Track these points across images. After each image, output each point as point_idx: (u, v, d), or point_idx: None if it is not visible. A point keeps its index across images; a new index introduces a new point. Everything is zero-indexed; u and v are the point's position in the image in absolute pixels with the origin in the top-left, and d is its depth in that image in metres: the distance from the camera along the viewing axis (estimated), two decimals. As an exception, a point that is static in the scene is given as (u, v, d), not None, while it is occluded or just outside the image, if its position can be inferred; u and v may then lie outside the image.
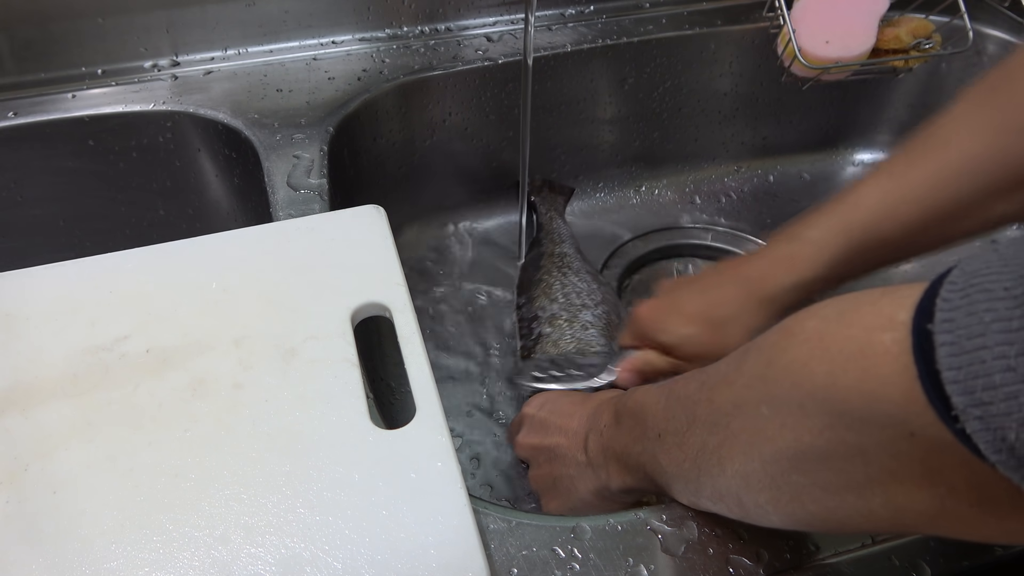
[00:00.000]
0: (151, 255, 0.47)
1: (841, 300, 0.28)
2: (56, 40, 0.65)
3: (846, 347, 0.26)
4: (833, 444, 0.27)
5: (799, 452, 0.28)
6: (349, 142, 0.67)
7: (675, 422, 0.36)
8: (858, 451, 0.26)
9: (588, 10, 0.77)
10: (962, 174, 0.41)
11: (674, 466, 0.36)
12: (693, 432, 0.34)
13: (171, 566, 0.33)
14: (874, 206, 0.44)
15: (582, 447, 0.45)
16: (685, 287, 0.52)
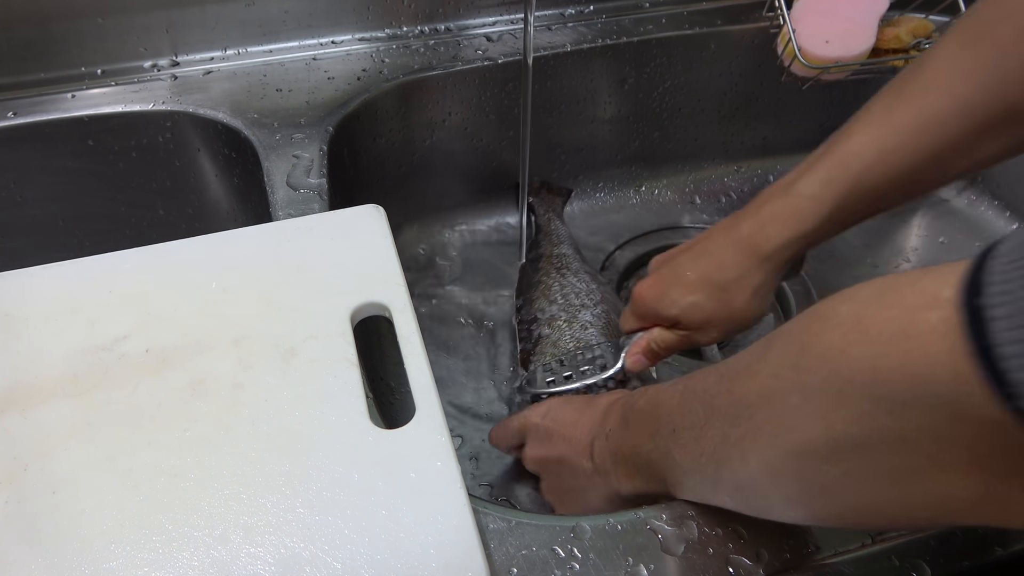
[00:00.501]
0: (151, 255, 0.47)
1: (877, 283, 0.27)
2: (56, 40, 0.65)
3: (887, 329, 0.25)
4: (870, 431, 0.26)
5: (832, 441, 0.27)
6: (349, 142, 0.67)
7: (692, 416, 0.35)
8: (898, 438, 0.25)
9: (588, 10, 0.77)
10: (948, 116, 0.41)
11: (690, 461, 0.36)
12: (712, 425, 0.33)
13: (170, 566, 0.33)
14: (865, 155, 0.43)
15: (588, 454, 0.45)
16: (680, 256, 0.51)
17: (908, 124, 0.42)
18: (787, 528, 0.38)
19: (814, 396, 0.28)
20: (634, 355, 0.53)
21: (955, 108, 0.41)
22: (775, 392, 0.30)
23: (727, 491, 0.35)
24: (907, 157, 0.42)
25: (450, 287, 0.75)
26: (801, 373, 0.28)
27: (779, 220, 0.46)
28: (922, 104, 0.42)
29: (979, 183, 0.82)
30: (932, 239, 0.80)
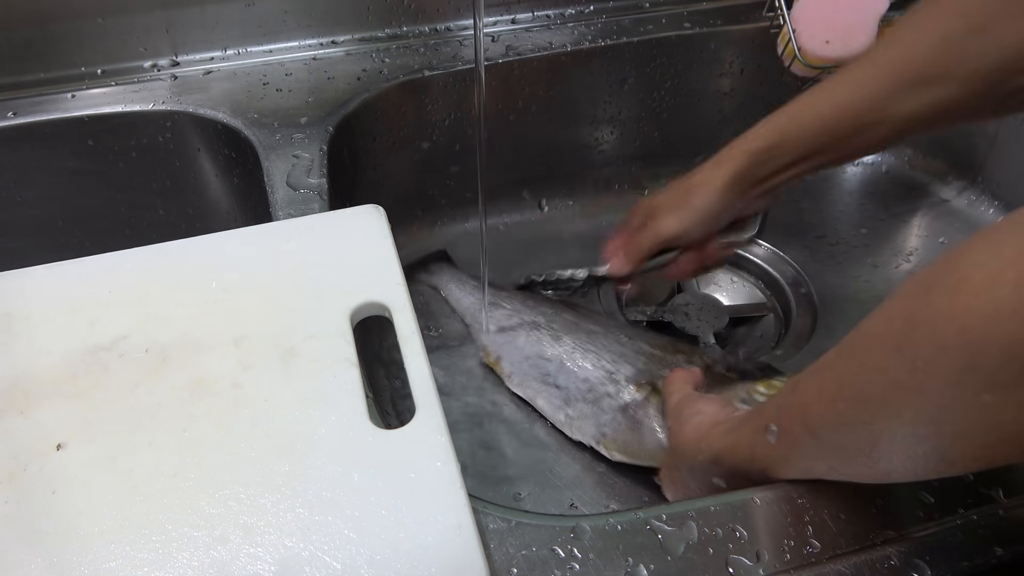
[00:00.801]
0: (150, 255, 0.47)
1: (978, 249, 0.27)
2: (56, 40, 0.65)
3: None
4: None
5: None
6: (349, 142, 0.67)
7: (851, 448, 0.35)
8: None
9: (588, 10, 0.77)
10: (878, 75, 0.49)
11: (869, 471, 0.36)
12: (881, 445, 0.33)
13: (170, 566, 0.33)
14: (815, 98, 0.52)
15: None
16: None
17: (849, 78, 0.50)
18: (787, 528, 0.38)
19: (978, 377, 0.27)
20: (615, 257, 0.61)
21: (886, 67, 0.48)
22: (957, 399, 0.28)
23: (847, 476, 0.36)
24: (840, 106, 0.50)
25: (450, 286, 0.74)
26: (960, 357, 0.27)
27: (747, 138, 0.55)
28: (862, 66, 0.50)
29: (979, 183, 0.82)
30: (932, 239, 0.80)
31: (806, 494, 0.39)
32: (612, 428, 0.58)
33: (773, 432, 0.38)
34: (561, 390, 0.62)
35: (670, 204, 0.58)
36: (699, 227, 0.58)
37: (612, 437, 0.58)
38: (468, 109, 0.73)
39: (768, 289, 0.76)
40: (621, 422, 0.58)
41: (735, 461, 0.42)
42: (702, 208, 0.56)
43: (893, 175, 0.87)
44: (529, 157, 0.79)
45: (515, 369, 0.64)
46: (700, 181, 0.57)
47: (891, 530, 0.38)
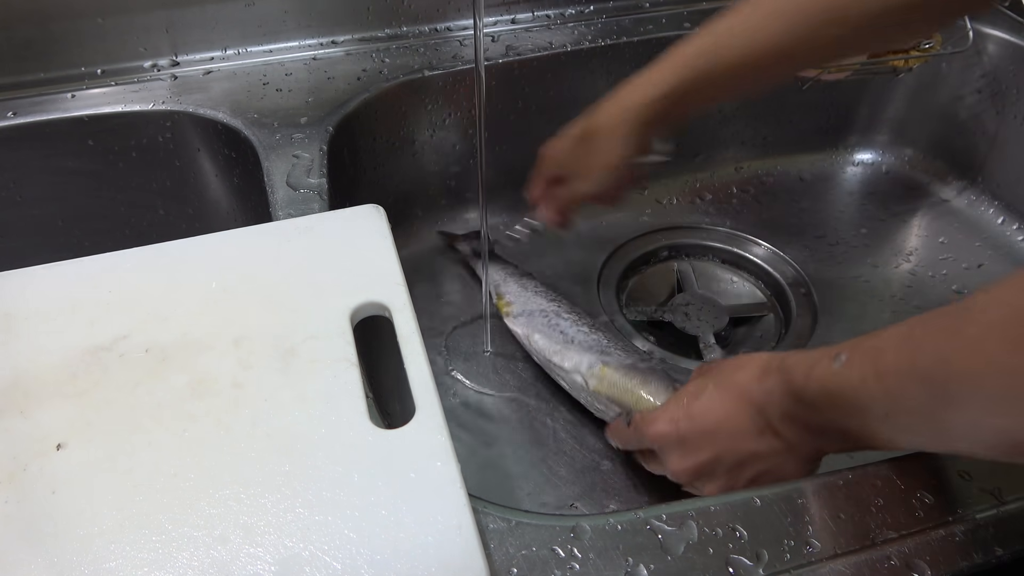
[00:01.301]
0: (150, 254, 0.47)
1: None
2: (56, 40, 0.65)
3: None
4: None
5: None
6: (349, 142, 0.67)
7: (911, 402, 0.35)
8: None
9: (588, 10, 0.77)
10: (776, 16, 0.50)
11: (923, 438, 0.36)
12: (950, 413, 0.33)
13: (170, 566, 0.33)
14: (712, 40, 0.53)
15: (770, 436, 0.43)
16: (577, 120, 0.60)
17: (745, 20, 0.52)
18: (787, 528, 0.38)
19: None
20: (542, 211, 0.64)
21: (781, 9, 0.50)
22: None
23: (968, 453, 0.36)
24: (739, 49, 0.52)
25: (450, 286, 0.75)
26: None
27: (639, 85, 0.55)
28: (757, 5, 0.52)
29: (979, 183, 0.82)
30: (932, 239, 0.80)
31: (806, 494, 0.39)
32: (614, 361, 0.58)
33: (841, 359, 0.38)
34: (562, 334, 0.63)
35: (579, 166, 0.60)
36: (613, 180, 0.59)
37: (615, 366, 0.58)
38: (468, 109, 0.73)
39: (768, 289, 0.76)
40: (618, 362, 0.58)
41: (794, 374, 0.41)
42: (611, 166, 0.58)
43: (893, 175, 0.87)
44: (529, 157, 0.78)
45: (521, 309, 0.66)
46: (606, 137, 0.57)
47: (891, 530, 0.38)
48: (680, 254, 0.79)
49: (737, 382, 0.45)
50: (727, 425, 0.45)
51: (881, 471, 0.40)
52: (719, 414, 0.45)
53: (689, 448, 0.46)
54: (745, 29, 0.52)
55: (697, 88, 0.54)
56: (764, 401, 0.43)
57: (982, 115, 0.79)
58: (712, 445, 0.45)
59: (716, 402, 0.46)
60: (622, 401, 0.57)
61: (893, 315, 0.73)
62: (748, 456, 0.44)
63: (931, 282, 0.75)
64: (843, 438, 0.40)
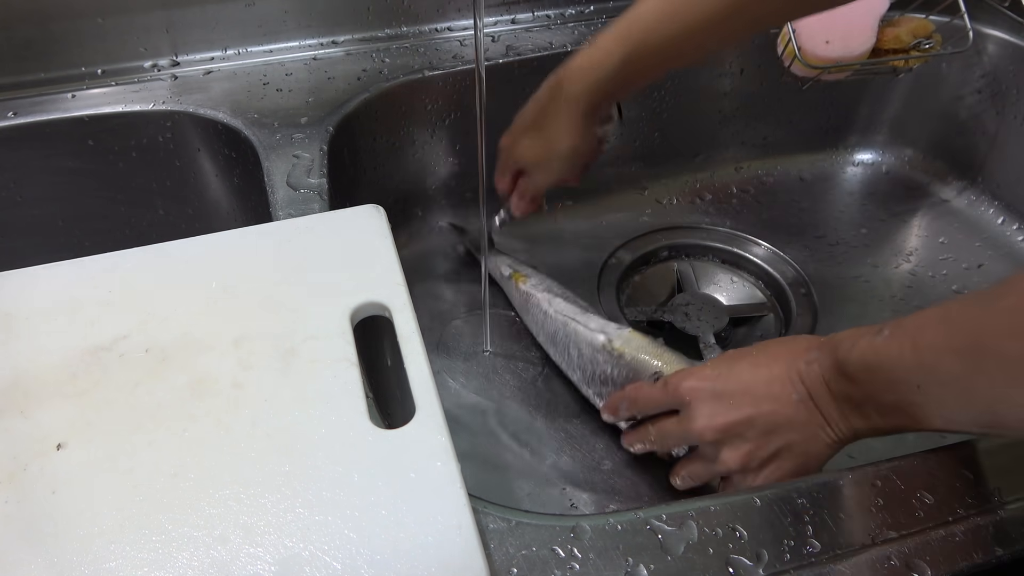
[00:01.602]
0: (150, 254, 0.47)
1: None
2: (56, 40, 0.65)
3: None
4: None
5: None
6: (349, 142, 0.67)
7: (943, 373, 0.37)
8: None
9: (588, 10, 0.77)
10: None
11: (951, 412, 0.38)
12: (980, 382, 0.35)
13: (170, 566, 0.33)
14: (647, 19, 0.53)
15: (810, 406, 0.43)
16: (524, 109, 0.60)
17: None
18: (787, 528, 0.38)
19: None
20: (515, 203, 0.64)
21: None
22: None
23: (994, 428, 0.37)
24: (678, 23, 0.52)
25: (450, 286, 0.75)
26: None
27: (583, 69, 0.55)
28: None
29: (979, 183, 0.82)
30: (932, 239, 0.80)
31: (806, 494, 0.39)
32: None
33: (884, 335, 0.40)
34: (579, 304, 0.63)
35: (536, 157, 0.60)
36: (572, 165, 0.60)
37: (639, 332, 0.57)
38: (468, 109, 0.73)
39: (768, 289, 0.76)
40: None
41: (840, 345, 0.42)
42: (567, 153, 0.58)
43: (893, 175, 0.87)
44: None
45: (538, 281, 0.67)
46: (555, 124, 0.57)
47: (891, 530, 0.38)
48: (680, 254, 0.79)
49: (783, 351, 0.46)
50: (768, 388, 0.44)
51: (881, 471, 0.40)
52: (763, 375, 0.45)
53: (724, 404, 0.46)
54: (680, 7, 0.52)
55: (638, 64, 0.54)
56: (807, 371, 0.44)
57: (982, 115, 0.79)
58: (750, 404, 0.45)
59: (760, 365, 0.46)
60: (643, 366, 0.55)
61: (893, 315, 0.72)
62: (783, 423, 0.44)
63: (931, 282, 0.75)
64: (879, 413, 0.41)
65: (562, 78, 0.56)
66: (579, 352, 0.60)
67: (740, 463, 0.45)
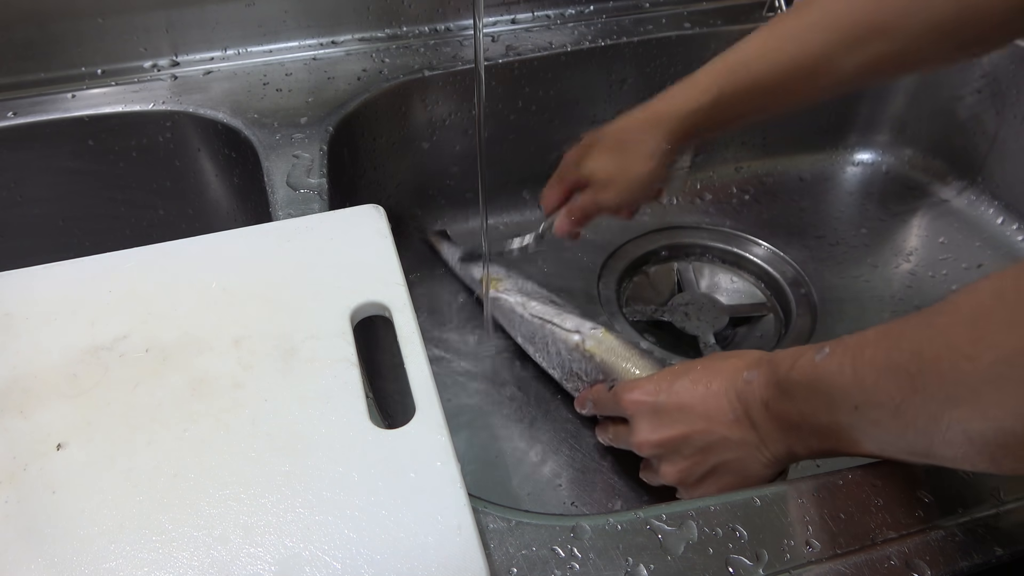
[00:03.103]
0: (150, 254, 0.47)
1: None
2: (56, 40, 0.65)
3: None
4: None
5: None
6: (349, 142, 0.67)
7: (880, 394, 0.35)
8: None
9: (588, 10, 0.77)
10: (817, 29, 0.50)
11: (885, 434, 0.36)
12: (914, 404, 0.33)
13: (170, 566, 0.33)
14: (751, 52, 0.52)
15: (746, 426, 0.43)
16: (604, 128, 0.59)
17: (789, 32, 0.51)
18: (787, 528, 0.38)
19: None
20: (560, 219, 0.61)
21: (823, 24, 0.49)
22: (1009, 379, 0.29)
23: (926, 456, 0.36)
24: (784, 59, 0.50)
25: (450, 286, 0.75)
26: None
27: (679, 96, 0.54)
28: (802, 17, 0.51)
29: (979, 183, 0.82)
30: (932, 239, 0.80)
31: (806, 494, 0.39)
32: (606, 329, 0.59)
33: (823, 353, 0.38)
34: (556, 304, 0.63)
35: (608, 175, 0.58)
36: (640, 194, 0.59)
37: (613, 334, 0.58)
38: (468, 109, 0.73)
39: (768, 289, 0.76)
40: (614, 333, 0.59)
41: (778, 365, 0.41)
42: (641, 178, 0.57)
43: (893, 175, 0.87)
44: (529, 157, 0.79)
45: (513, 284, 0.66)
46: (637, 146, 0.56)
47: (891, 530, 0.38)
48: (680, 254, 0.79)
49: (724, 368, 0.45)
50: (705, 405, 0.45)
51: (881, 471, 0.40)
52: (700, 392, 0.45)
53: (662, 420, 0.46)
54: (787, 40, 0.50)
55: (736, 100, 0.53)
56: (745, 389, 0.43)
57: (982, 115, 0.79)
58: (686, 422, 0.45)
59: (699, 382, 0.45)
60: (612, 367, 0.56)
61: (893, 315, 0.73)
62: (718, 441, 0.44)
63: (931, 282, 0.75)
64: (815, 435, 0.40)
65: (653, 101, 0.55)
66: (557, 351, 0.60)
67: (677, 478, 0.46)
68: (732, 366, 0.45)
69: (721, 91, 0.52)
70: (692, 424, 0.45)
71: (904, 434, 0.35)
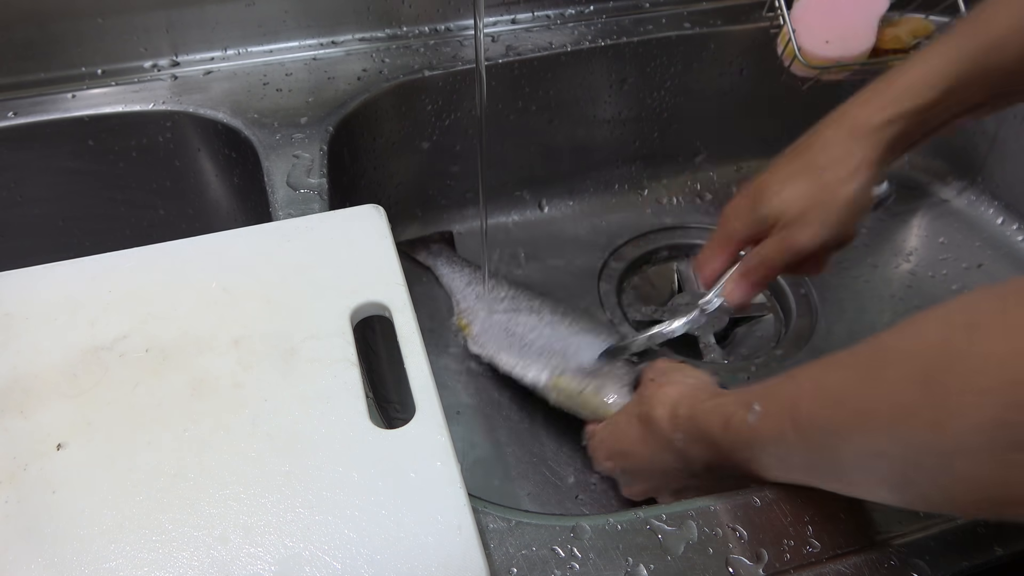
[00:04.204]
0: (151, 254, 0.47)
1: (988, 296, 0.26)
2: (56, 40, 0.65)
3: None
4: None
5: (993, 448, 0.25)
6: (349, 142, 0.67)
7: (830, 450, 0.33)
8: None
9: (588, 10, 0.77)
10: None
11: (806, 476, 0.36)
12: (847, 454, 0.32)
13: (170, 566, 0.33)
14: (997, 26, 0.40)
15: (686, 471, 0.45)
16: (776, 160, 0.47)
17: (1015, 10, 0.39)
18: (787, 528, 0.38)
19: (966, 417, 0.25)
20: (733, 284, 0.48)
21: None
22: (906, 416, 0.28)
23: (826, 484, 0.35)
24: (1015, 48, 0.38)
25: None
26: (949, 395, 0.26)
27: (887, 93, 0.42)
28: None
29: (979, 183, 0.82)
30: (932, 239, 0.80)
31: (806, 494, 0.39)
32: (571, 369, 0.59)
33: (756, 412, 0.36)
34: (524, 347, 0.62)
35: (800, 208, 0.45)
36: (846, 227, 0.45)
37: (570, 376, 0.58)
38: (468, 109, 0.73)
39: (768, 289, 0.76)
40: (583, 368, 0.58)
41: (708, 426, 0.40)
42: (848, 206, 0.44)
43: (893, 175, 0.86)
44: (529, 157, 0.79)
45: (483, 333, 0.65)
46: (836, 165, 0.43)
47: (891, 530, 0.38)
48: (680, 254, 0.79)
49: (653, 420, 0.46)
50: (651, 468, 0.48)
51: (881, 471, 0.40)
52: (638, 447, 0.48)
53: (628, 478, 0.51)
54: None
55: (977, 88, 0.41)
56: (680, 448, 0.44)
57: (982, 115, 0.79)
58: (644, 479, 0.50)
59: (635, 436, 0.48)
60: (577, 409, 0.58)
61: (893, 315, 0.73)
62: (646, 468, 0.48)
63: (931, 282, 0.75)
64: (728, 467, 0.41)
65: (851, 109, 0.44)
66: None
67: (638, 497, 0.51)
68: (659, 419, 0.45)
69: (959, 77, 0.41)
70: (650, 481, 0.49)
71: (865, 486, 0.34)
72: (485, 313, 0.66)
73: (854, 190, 0.43)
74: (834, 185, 0.44)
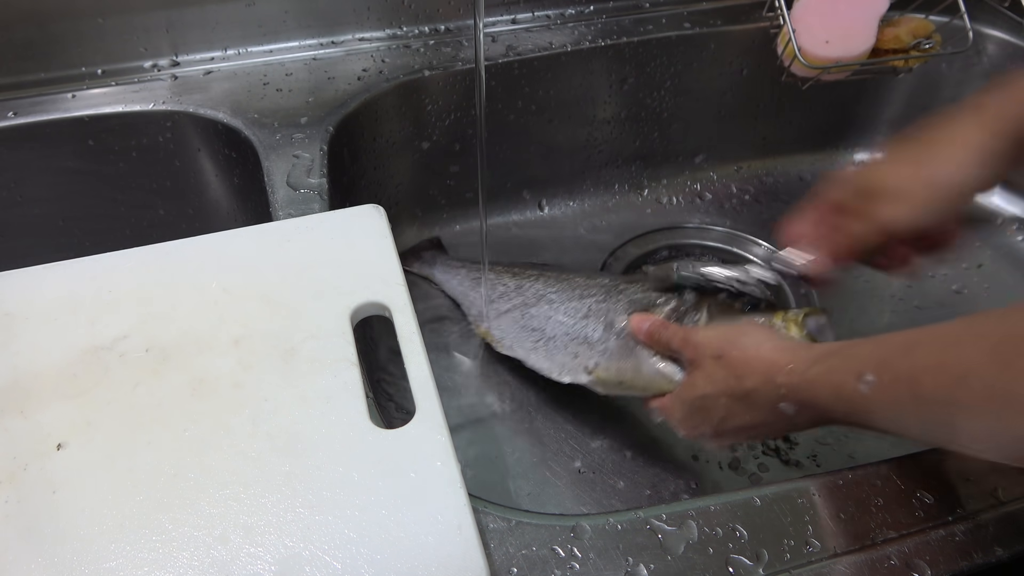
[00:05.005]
0: (151, 255, 0.47)
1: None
2: (56, 40, 0.65)
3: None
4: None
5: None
6: (349, 142, 0.67)
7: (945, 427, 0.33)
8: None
9: (588, 10, 0.77)
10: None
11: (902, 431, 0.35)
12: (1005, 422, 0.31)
13: (170, 565, 0.33)
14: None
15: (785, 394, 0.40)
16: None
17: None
18: (787, 528, 0.38)
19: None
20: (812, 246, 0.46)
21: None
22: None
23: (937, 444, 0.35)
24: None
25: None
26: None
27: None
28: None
29: (979, 183, 0.82)
30: (932, 239, 0.80)
31: (806, 494, 0.39)
32: (603, 358, 0.57)
33: (868, 383, 0.35)
34: (549, 342, 0.62)
35: (899, 181, 0.41)
36: (942, 213, 0.41)
37: (605, 366, 0.57)
38: (468, 109, 0.73)
39: (768, 289, 0.76)
40: (612, 351, 0.57)
41: (817, 396, 0.38)
42: (948, 188, 0.40)
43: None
44: (529, 157, 0.79)
45: (504, 334, 0.64)
46: (950, 141, 0.40)
47: (891, 530, 0.38)
48: (680, 254, 0.79)
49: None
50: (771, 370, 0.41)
51: (881, 471, 0.40)
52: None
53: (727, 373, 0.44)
54: None
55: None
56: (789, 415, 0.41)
57: (982, 115, 0.79)
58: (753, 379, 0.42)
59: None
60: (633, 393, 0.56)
61: (893, 315, 0.73)
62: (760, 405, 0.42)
63: (931, 282, 0.75)
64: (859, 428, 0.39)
65: (981, 97, 0.40)
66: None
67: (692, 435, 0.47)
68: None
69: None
70: (746, 381, 0.42)
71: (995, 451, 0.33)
72: (496, 315, 0.66)
73: (959, 171, 0.40)
74: (939, 162, 0.40)
